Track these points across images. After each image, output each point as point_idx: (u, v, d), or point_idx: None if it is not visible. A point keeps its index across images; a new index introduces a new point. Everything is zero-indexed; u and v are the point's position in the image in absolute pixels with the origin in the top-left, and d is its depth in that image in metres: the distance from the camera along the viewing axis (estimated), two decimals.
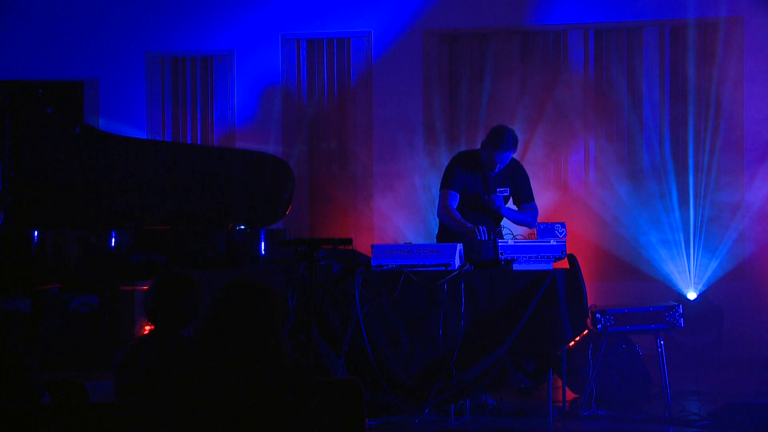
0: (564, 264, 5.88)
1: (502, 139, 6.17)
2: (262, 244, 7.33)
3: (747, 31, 8.71)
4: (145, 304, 3.74)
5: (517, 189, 6.45)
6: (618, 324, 6.02)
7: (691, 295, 8.45)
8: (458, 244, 5.86)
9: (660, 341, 6.00)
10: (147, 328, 8.48)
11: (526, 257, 5.78)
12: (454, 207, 6.32)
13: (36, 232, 6.87)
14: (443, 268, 5.74)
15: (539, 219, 6.48)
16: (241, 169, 7.84)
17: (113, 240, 7.03)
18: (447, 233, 6.41)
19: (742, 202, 8.69)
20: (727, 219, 8.70)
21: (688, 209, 8.71)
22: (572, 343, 6.31)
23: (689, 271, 8.60)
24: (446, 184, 6.38)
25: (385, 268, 5.78)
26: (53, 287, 7.65)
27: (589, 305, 5.84)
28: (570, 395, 6.32)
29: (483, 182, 6.36)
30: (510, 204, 6.52)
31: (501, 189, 6.38)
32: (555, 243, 5.80)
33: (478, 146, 6.45)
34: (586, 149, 9.00)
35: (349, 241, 5.69)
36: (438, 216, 6.47)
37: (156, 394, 3.27)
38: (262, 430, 3.04)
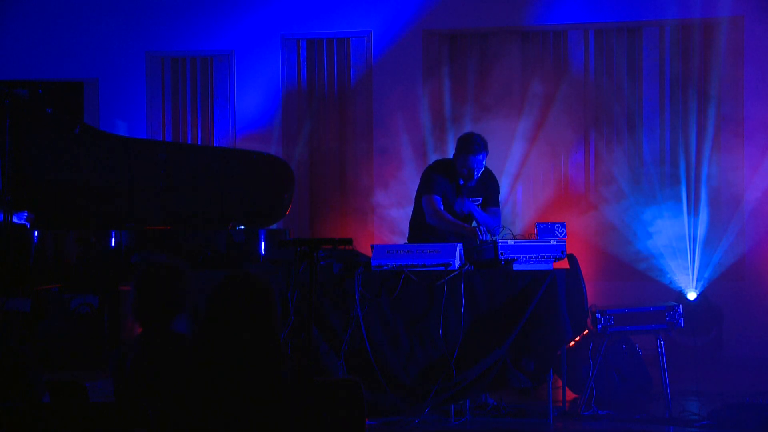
0: (564, 264, 5.88)
1: (471, 143, 6.32)
2: (262, 244, 7.33)
3: (747, 31, 8.70)
4: (131, 303, 3.57)
5: (487, 196, 6.56)
6: (618, 324, 6.03)
7: (691, 295, 8.44)
8: (458, 244, 5.86)
9: (660, 341, 6.00)
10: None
11: (526, 257, 5.79)
12: (443, 209, 6.35)
13: (36, 232, 6.87)
14: (443, 268, 5.74)
15: (538, 220, 6.50)
16: (241, 169, 7.84)
17: (113, 240, 7.02)
18: (418, 238, 6.46)
19: (742, 201, 8.68)
20: (727, 218, 8.70)
21: (688, 209, 8.71)
22: (572, 343, 6.31)
23: (689, 271, 8.60)
24: (429, 189, 6.42)
25: (385, 268, 5.78)
26: (53, 287, 7.65)
27: (589, 305, 5.85)
28: (570, 395, 6.32)
29: (457, 192, 6.43)
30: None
31: (473, 199, 6.48)
32: (555, 243, 5.80)
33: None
34: (586, 149, 9.00)
35: (349, 241, 5.68)
36: (429, 221, 6.42)
37: (149, 392, 3.26)
38: (261, 430, 3.04)
